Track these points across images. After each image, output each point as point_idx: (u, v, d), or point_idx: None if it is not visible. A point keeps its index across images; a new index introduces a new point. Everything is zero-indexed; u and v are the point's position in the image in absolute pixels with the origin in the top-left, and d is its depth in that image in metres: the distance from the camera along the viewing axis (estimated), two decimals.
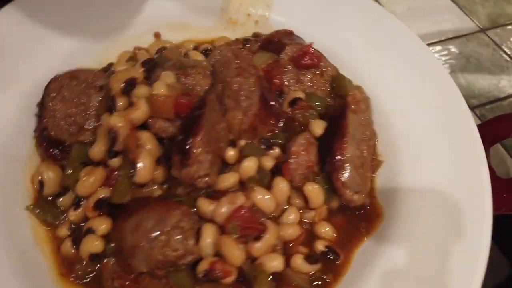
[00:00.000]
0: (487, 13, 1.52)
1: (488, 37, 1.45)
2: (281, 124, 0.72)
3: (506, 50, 1.43)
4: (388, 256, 0.59)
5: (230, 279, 0.55)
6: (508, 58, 1.41)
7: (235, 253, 0.55)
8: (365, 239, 0.64)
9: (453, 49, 1.39)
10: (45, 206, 0.63)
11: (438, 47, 1.41)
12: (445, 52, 1.37)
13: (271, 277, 0.57)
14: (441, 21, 1.46)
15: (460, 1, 1.54)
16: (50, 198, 0.64)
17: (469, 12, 1.50)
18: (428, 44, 1.38)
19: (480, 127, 0.81)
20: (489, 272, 0.95)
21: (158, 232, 0.55)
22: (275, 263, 0.57)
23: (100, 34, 0.79)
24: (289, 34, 0.80)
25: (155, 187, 0.64)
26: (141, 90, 0.66)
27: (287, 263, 0.60)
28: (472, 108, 1.23)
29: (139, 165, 0.60)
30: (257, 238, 0.58)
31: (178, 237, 0.55)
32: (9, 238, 0.59)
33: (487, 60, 1.38)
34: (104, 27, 0.80)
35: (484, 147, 0.71)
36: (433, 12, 1.49)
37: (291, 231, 0.63)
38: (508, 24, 1.47)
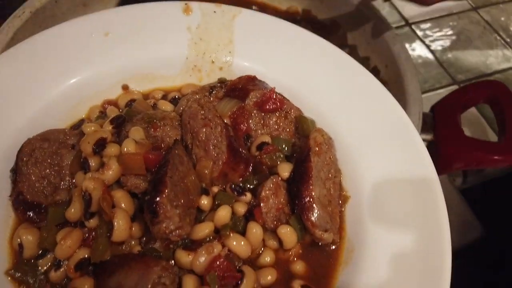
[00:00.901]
0: None
1: (480, 15, 1.53)
2: (250, 169, 0.75)
3: (496, 28, 1.50)
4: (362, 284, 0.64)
5: None
6: (497, 36, 1.49)
7: None
8: (341, 271, 0.68)
9: (445, 26, 1.48)
10: (25, 268, 0.64)
11: (429, 24, 1.48)
12: (437, 29, 1.46)
13: None
14: None
15: None
16: (30, 260, 0.65)
17: None
18: (419, 22, 1.46)
19: (452, 94, 0.92)
20: (462, 233, 1.04)
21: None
22: None
23: (68, 93, 0.81)
24: (252, 79, 0.84)
25: (133, 242, 0.66)
26: (111, 150, 0.68)
27: None
28: (459, 83, 1.34)
29: (115, 224, 0.62)
30: (236, 286, 0.61)
31: None
32: None
33: (477, 38, 1.47)
34: (71, 85, 0.81)
35: (456, 113, 0.85)
36: None
37: (269, 277, 0.66)
38: (499, 3, 1.57)
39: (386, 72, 1.03)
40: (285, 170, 0.73)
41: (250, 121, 0.79)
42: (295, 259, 0.70)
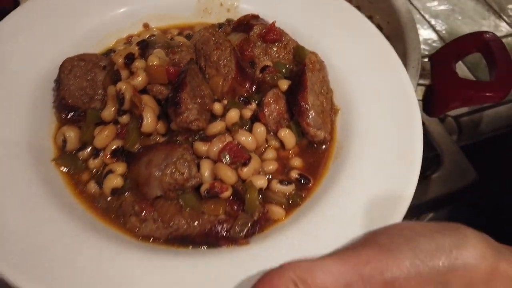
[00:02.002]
0: None
1: None
2: (255, 87, 0.89)
3: (488, 1, 1.65)
4: (347, 173, 0.77)
5: (227, 194, 0.70)
6: (489, 8, 1.62)
7: (228, 174, 0.71)
8: (331, 164, 0.81)
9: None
10: (67, 158, 0.77)
11: None
12: (434, 3, 1.60)
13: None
14: None
15: None
16: (72, 152, 0.78)
17: None
18: None
19: (448, 45, 1.02)
20: (456, 177, 1.14)
21: (167, 163, 0.70)
22: (261, 181, 0.73)
23: (98, 27, 0.95)
24: (255, 17, 0.97)
25: (159, 138, 0.79)
26: (139, 63, 0.82)
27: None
28: None
29: (144, 117, 0.75)
30: (244, 165, 0.74)
31: (184, 164, 0.70)
32: (43, 184, 0.72)
33: (471, 9, 1.61)
34: (100, 21, 0.95)
35: (450, 62, 0.94)
36: None
37: (271, 167, 0.80)
38: None
39: (387, 27, 1.15)
40: (284, 84, 0.86)
41: (254, 49, 0.93)
42: (294, 156, 0.83)
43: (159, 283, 0.61)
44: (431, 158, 1.13)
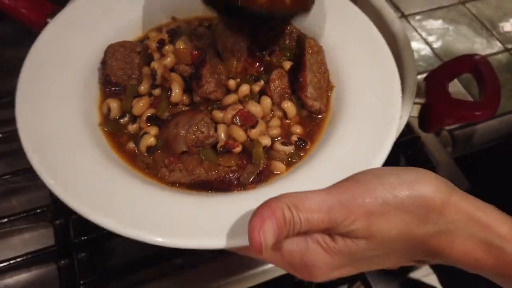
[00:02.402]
0: None
1: (467, 8, 1.77)
2: (263, 68, 1.06)
3: (481, 20, 1.74)
4: (337, 136, 0.93)
5: (238, 149, 0.87)
6: (482, 26, 1.71)
7: (239, 133, 0.88)
8: (326, 128, 0.97)
9: (436, 18, 1.71)
10: (111, 123, 0.96)
11: (422, 16, 1.72)
12: (429, 20, 1.70)
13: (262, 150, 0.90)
14: None
15: None
16: (114, 118, 0.97)
17: None
18: (413, 14, 1.73)
19: (441, 66, 1.12)
20: None
21: (191, 124, 0.88)
22: (266, 140, 0.90)
23: (133, 20, 1.14)
24: None
25: (184, 108, 0.97)
26: (169, 47, 1.00)
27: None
28: None
29: (173, 90, 0.94)
30: (253, 127, 0.91)
31: (204, 125, 0.88)
32: (93, 141, 0.91)
33: (464, 28, 1.70)
34: (135, 14, 1.14)
35: (445, 81, 1.04)
36: None
37: (275, 131, 0.96)
38: None
39: None
40: (287, 65, 1.03)
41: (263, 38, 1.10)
42: (294, 124, 1.00)
43: (182, 215, 0.78)
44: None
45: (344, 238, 0.65)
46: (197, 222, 0.76)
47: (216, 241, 0.73)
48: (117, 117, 0.97)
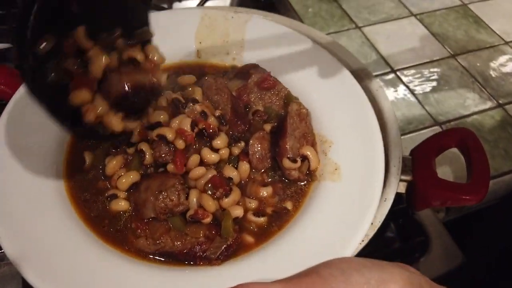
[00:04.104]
0: (457, 40, 1.78)
1: (458, 62, 1.71)
2: (247, 127, 1.03)
3: (472, 73, 1.67)
4: (311, 213, 0.89)
5: (207, 220, 0.84)
6: (474, 81, 1.64)
7: (209, 203, 0.85)
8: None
9: (426, 73, 1.65)
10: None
11: (413, 71, 1.66)
12: (419, 75, 1.64)
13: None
14: (417, 47, 1.73)
15: (435, 30, 1.82)
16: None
17: (441, 39, 1.78)
18: (404, 69, 1.67)
19: (428, 140, 1.06)
20: (443, 260, 1.14)
21: (161, 190, 0.85)
22: (238, 211, 0.87)
23: None
24: (255, 66, 1.13)
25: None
26: None
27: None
28: (440, 123, 1.51)
29: (145, 152, 0.91)
30: (226, 196, 0.88)
31: (175, 193, 0.85)
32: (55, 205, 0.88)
33: (456, 82, 1.63)
34: None
35: (432, 157, 0.98)
36: (410, 40, 1.76)
37: (253, 205, 0.92)
38: (476, 50, 1.75)
39: None
40: (268, 126, 1.02)
41: (251, 95, 1.08)
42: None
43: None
44: (420, 242, 1.15)
45: None
46: None
47: None
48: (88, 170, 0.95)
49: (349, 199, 0.88)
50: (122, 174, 0.92)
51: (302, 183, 0.96)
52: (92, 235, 0.84)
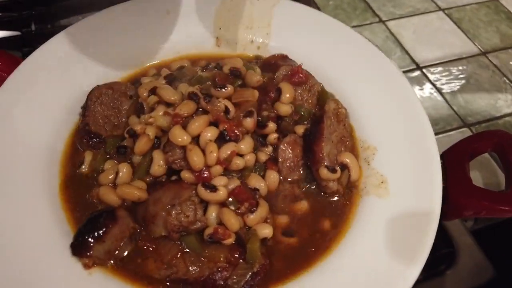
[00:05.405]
0: (488, 37, 1.64)
1: (489, 59, 1.57)
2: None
3: (504, 72, 1.53)
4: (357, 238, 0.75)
5: (229, 241, 0.70)
6: (506, 80, 1.51)
7: (232, 221, 0.71)
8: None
9: (454, 70, 1.51)
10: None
11: (440, 68, 1.52)
12: (446, 73, 1.50)
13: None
14: (445, 44, 1.59)
15: (464, 25, 1.67)
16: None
17: (472, 36, 1.64)
18: (431, 66, 1.52)
19: (460, 143, 0.93)
20: (471, 274, 1.02)
21: (174, 204, 0.71)
22: (267, 230, 0.72)
23: (131, 55, 0.98)
24: (283, 57, 0.98)
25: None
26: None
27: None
28: (469, 125, 1.37)
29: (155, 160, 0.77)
30: (251, 211, 0.73)
31: (190, 207, 0.71)
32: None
33: (486, 82, 1.49)
34: (135, 48, 0.99)
35: (465, 161, 0.87)
36: (437, 36, 1.63)
37: (283, 220, 0.78)
38: (508, 48, 1.60)
39: None
40: (300, 128, 0.85)
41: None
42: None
43: None
44: (446, 253, 1.03)
45: None
46: None
47: None
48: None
49: (401, 220, 0.73)
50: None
51: (342, 198, 0.81)
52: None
